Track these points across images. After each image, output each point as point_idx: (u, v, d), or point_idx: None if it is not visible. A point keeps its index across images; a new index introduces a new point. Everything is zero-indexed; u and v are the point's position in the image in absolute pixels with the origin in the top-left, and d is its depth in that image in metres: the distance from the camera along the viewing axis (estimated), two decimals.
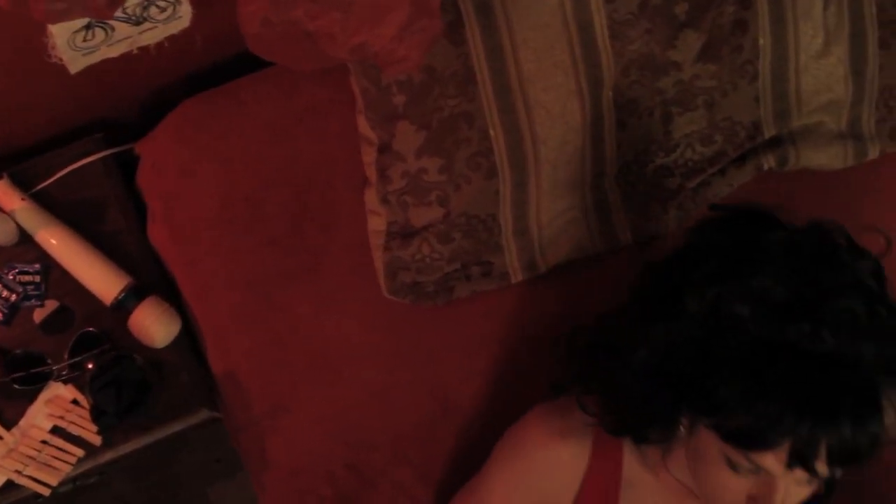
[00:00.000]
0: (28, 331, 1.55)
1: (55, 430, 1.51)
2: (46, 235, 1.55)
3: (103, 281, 1.54)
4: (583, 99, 1.49)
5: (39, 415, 1.50)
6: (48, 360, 1.51)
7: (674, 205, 1.58)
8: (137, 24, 1.41)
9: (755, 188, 1.61)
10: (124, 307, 1.53)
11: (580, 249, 1.58)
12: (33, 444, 1.50)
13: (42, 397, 1.51)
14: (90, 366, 1.49)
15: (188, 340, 1.58)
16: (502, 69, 1.46)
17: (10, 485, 1.49)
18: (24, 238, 1.56)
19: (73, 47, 1.39)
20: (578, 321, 1.43)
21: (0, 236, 1.54)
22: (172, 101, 1.63)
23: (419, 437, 1.56)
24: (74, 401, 1.51)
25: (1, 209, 1.55)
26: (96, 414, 1.46)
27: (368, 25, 1.10)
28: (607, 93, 1.51)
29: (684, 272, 1.27)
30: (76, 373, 1.51)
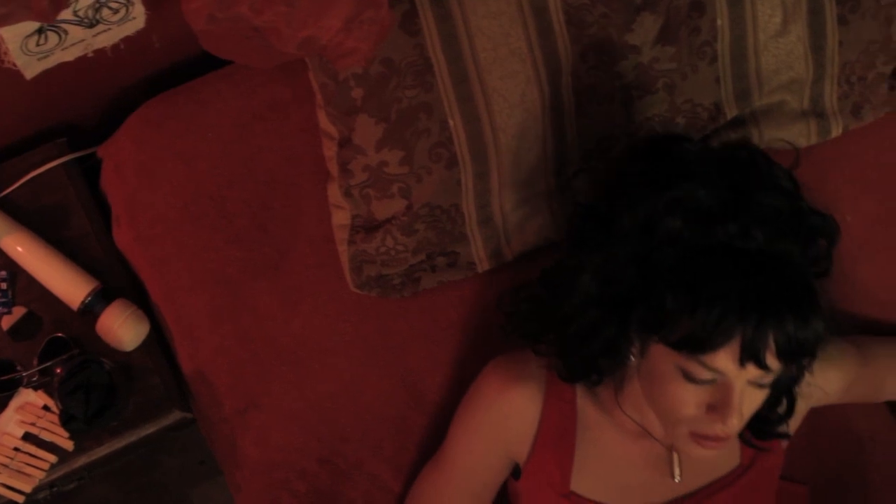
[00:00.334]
0: None
1: (27, 437, 1.51)
2: (11, 242, 1.54)
3: (70, 286, 1.54)
4: (541, 86, 1.49)
5: (10, 422, 1.50)
6: (18, 367, 1.50)
7: None
8: (91, 27, 1.40)
9: None
10: (92, 311, 1.52)
11: (546, 236, 1.58)
12: (5, 452, 1.49)
13: (13, 404, 1.50)
14: (59, 371, 1.49)
15: (158, 342, 1.58)
16: (459, 58, 1.46)
17: None
18: None
19: (27, 52, 1.38)
20: None
21: None
22: (136, 104, 1.61)
23: (391, 429, 1.56)
24: (45, 407, 1.51)
25: None
26: (65, 419, 1.46)
27: (314, 18, 1.09)
28: (566, 79, 1.50)
29: (612, 201, 1.33)
30: (46, 379, 1.50)
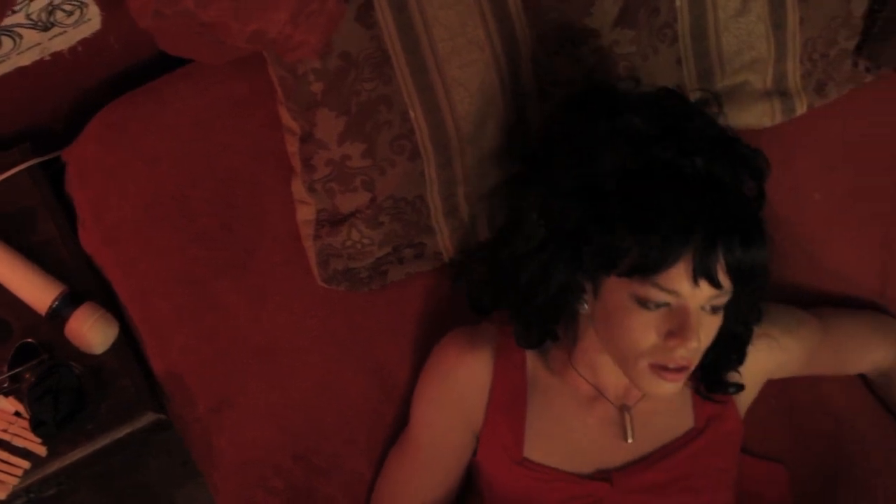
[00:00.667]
0: None
1: None
2: None
3: (37, 291, 1.53)
4: (501, 73, 1.49)
5: None
6: None
7: None
8: (45, 30, 1.39)
9: None
10: (60, 315, 1.52)
11: None
12: None
13: None
14: (28, 377, 1.48)
15: (128, 344, 1.58)
16: (416, 49, 1.45)
17: None
18: None
19: None
20: None
21: None
22: (99, 105, 1.61)
23: (366, 422, 1.56)
24: (17, 413, 1.50)
25: None
26: (35, 424, 1.45)
27: (260, 12, 1.09)
28: (527, 65, 1.50)
29: (551, 146, 1.37)
30: (16, 385, 1.50)
